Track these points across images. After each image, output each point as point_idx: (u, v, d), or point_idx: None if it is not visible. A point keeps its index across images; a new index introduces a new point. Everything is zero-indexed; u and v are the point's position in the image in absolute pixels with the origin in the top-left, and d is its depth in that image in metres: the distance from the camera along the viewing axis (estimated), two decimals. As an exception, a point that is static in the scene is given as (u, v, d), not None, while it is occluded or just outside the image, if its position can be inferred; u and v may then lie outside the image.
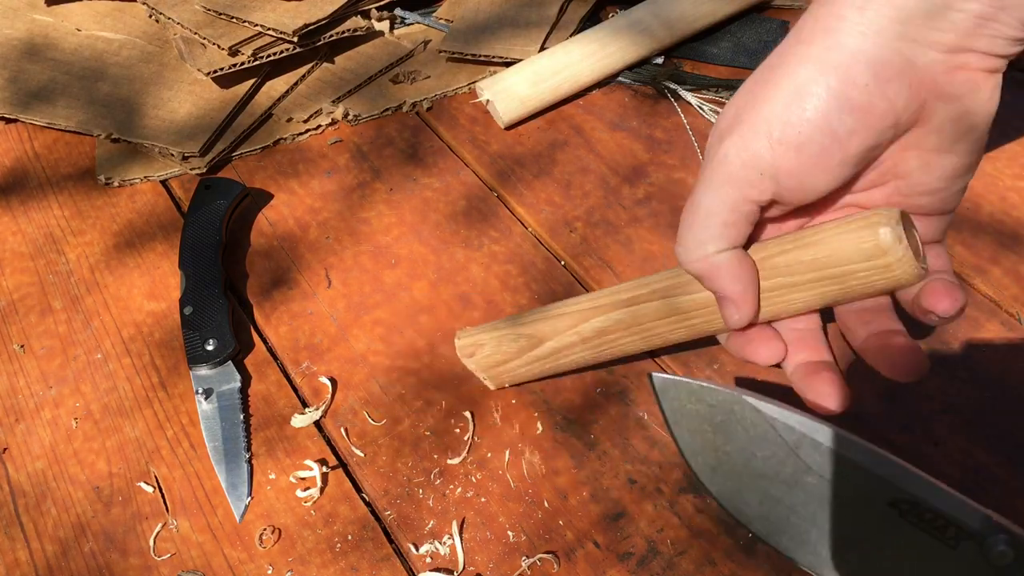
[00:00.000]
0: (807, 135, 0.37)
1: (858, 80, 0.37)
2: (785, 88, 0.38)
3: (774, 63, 0.39)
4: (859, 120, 0.37)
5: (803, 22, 0.39)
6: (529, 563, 0.45)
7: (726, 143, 0.39)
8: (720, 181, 0.39)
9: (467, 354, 0.50)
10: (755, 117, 0.38)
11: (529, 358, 0.48)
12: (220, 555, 0.47)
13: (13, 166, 0.69)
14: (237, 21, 0.71)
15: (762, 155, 0.38)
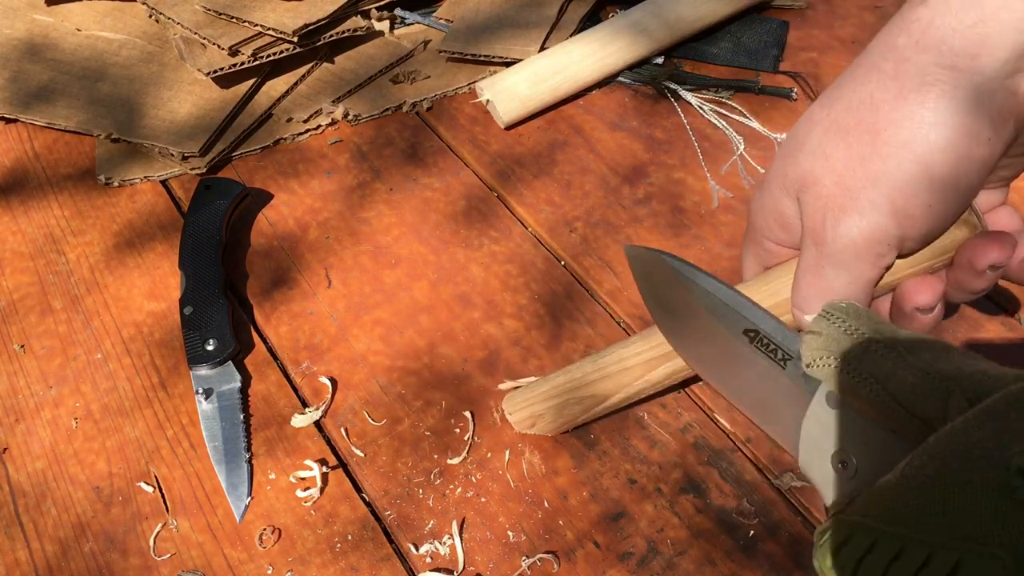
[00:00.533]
0: (936, 204, 0.37)
1: (981, 136, 0.36)
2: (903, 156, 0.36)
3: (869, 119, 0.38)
4: (983, 173, 0.37)
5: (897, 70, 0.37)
6: (529, 563, 0.45)
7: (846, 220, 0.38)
8: (848, 261, 0.39)
9: (526, 427, 0.50)
10: (875, 192, 0.37)
11: (594, 412, 0.48)
12: (220, 555, 0.47)
13: (13, 166, 0.69)
14: (237, 21, 0.71)
15: (888, 231, 0.37)
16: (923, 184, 0.36)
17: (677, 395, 0.51)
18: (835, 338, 0.34)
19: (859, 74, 0.39)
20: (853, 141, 0.38)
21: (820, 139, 0.40)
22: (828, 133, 0.39)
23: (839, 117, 0.39)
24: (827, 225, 0.39)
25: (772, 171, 0.43)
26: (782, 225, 0.43)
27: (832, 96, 0.41)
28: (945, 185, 0.36)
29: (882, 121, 0.37)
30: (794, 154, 0.41)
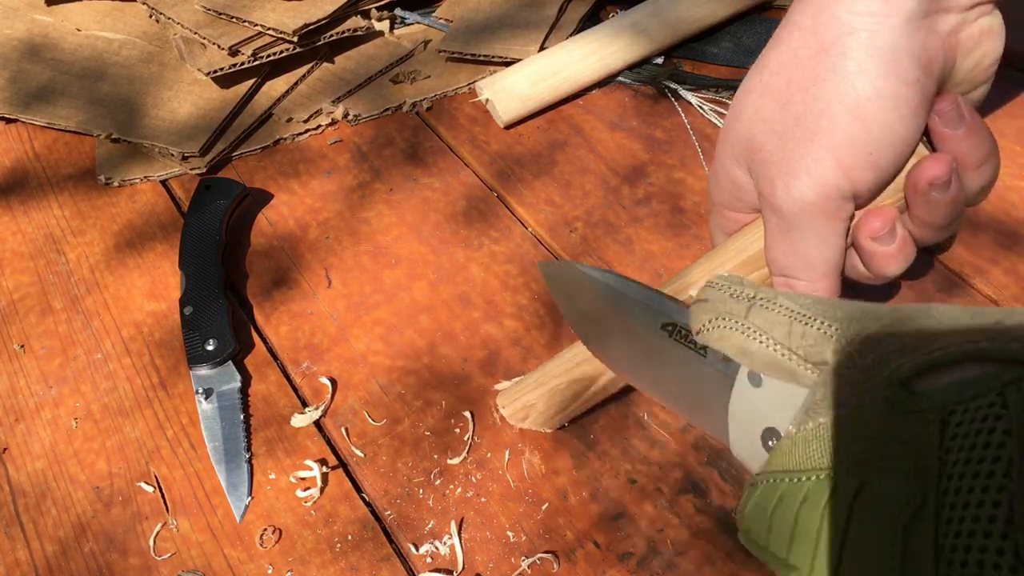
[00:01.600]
0: (877, 151, 0.37)
1: (909, 78, 0.36)
2: (835, 109, 0.37)
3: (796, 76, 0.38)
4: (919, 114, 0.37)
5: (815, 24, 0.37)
6: (529, 563, 0.45)
7: (796, 182, 0.38)
8: (809, 221, 0.39)
9: (520, 419, 0.50)
10: (817, 149, 0.37)
11: (586, 396, 0.48)
12: (220, 555, 0.47)
13: (13, 166, 0.69)
14: (237, 21, 0.72)
15: (840, 185, 0.38)
16: (860, 135, 0.37)
17: (677, 395, 0.52)
18: (721, 301, 0.34)
19: (783, 35, 0.40)
20: (785, 101, 0.39)
21: (756, 104, 0.40)
22: (763, 98, 0.40)
23: (770, 80, 0.40)
24: (778, 191, 0.40)
25: (720, 145, 0.44)
26: (737, 195, 0.44)
27: (762, 63, 0.41)
28: (882, 131, 0.37)
29: (809, 77, 0.38)
30: (734, 124, 0.42)
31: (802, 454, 0.29)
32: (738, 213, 0.45)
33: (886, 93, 0.36)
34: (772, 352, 0.31)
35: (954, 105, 0.38)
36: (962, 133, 0.38)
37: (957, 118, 0.38)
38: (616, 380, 0.47)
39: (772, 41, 0.41)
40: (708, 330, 0.34)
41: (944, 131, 0.38)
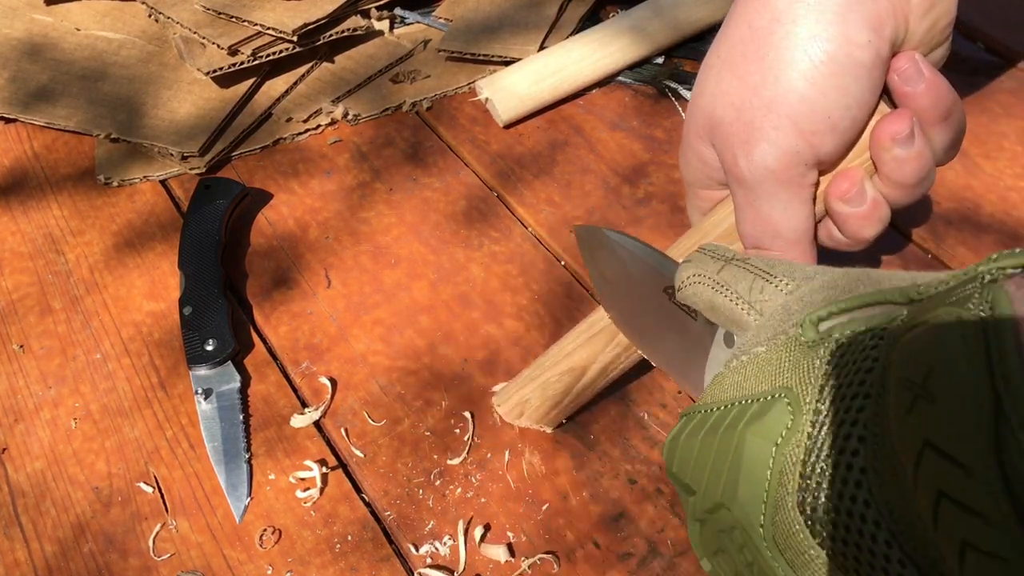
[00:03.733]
0: (836, 115, 0.37)
1: (860, 40, 0.36)
2: (790, 76, 0.37)
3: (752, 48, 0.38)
4: (874, 75, 0.37)
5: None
6: (529, 563, 0.45)
7: (757, 151, 0.39)
8: (772, 189, 0.39)
9: (515, 415, 0.49)
10: (774, 117, 0.38)
11: (578, 389, 0.47)
12: (220, 556, 0.47)
13: (13, 166, 0.69)
14: (237, 20, 0.71)
15: (801, 151, 0.38)
16: (817, 98, 0.37)
17: (677, 395, 0.51)
18: (701, 261, 0.36)
19: (737, 10, 0.40)
20: (743, 73, 0.39)
21: (715, 79, 0.41)
22: (721, 72, 0.40)
23: (727, 54, 0.40)
24: (740, 161, 0.40)
25: (685, 124, 0.44)
26: (706, 173, 0.44)
27: (720, 38, 0.42)
28: (838, 94, 0.37)
29: (763, 47, 0.38)
30: (697, 101, 0.42)
31: (719, 389, 0.32)
32: (710, 191, 0.45)
33: (838, 56, 0.37)
34: (733, 305, 0.33)
35: (912, 62, 0.38)
36: (922, 89, 0.38)
37: (916, 74, 0.38)
38: (606, 368, 0.47)
39: (728, 16, 0.41)
40: (686, 286, 0.36)
41: (904, 89, 0.38)
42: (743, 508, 0.28)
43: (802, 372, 0.28)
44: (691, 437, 0.32)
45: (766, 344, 0.31)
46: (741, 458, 0.28)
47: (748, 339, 0.32)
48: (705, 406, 0.32)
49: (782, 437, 0.27)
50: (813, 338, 0.28)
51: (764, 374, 0.30)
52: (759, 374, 0.30)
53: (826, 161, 0.39)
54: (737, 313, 0.33)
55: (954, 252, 0.57)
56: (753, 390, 0.30)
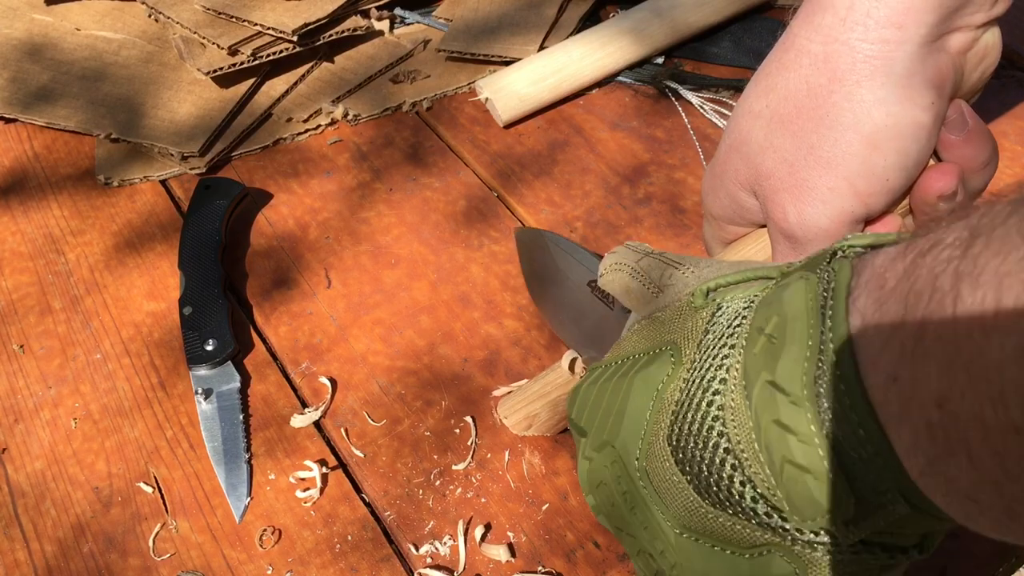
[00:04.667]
0: (894, 177, 0.37)
1: (925, 103, 0.36)
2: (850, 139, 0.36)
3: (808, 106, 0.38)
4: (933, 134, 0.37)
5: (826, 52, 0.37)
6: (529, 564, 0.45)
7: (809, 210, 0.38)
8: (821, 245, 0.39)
9: (524, 428, 0.49)
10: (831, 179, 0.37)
11: None
12: (220, 556, 0.47)
13: (13, 166, 0.69)
14: (237, 20, 0.71)
15: (855, 211, 0.38)
16: (877, 163, 0.37)
17: (677, 395, 0.51)
18: (623, 254, 0.40)
19: (788, 59, 0.39)
20: (797, 130, 0.38)
21: (765, 131, 0.40)
22: (772, 124, 0.40)
23: (778, 107, 0.39)
24: (791, 217, 0.40)
25: (721, 165, 0.44)
26: (740, 213, 0.44)
27: (766, 85, 0.41)
28: (898, 157, 0.37)
29: (823, 106, 0.38)
30: (741, 148, 0.42)
31: (620, 347, 0.36)
32: (736, 227, 0.45)
33: (903, 120, 0.36)
34: (643, 288, 0.37)
35: (958, 111, 0.38)
36: (966, 137, 0.38)
37: (962, 123, 0.38)
38: None
39: (776, 64, 0.40)
40: (607, 272, 0.40)
41: (950, 137, 0.38)
42: (624, 444, 0.32)
43: (687, 331, 0.31)
44: (590, 386, 0.35)
45: (662, 310, 0.35)
46: (628, 401, 0.32)
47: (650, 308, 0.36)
48: (607, 361, 0.36)
49: (662, 383, 0.31)
50: (701, 303, 0.32)
51: (656, 333, 0.34)
52: (652, 334, 0.34)
53: (875, 217, 0.39)
54: (647, 295, 0.37)
55: (954, 252, 0.56)
56: (646, 346, 0.34)
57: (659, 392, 0.31)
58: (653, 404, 0.31)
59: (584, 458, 0.35)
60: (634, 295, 0.38)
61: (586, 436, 0.35)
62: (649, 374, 0.32)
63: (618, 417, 0.32)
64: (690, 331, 0.31)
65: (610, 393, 0.34)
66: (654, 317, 0.34)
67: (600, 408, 0.34)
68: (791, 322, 0.26)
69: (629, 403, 0.32)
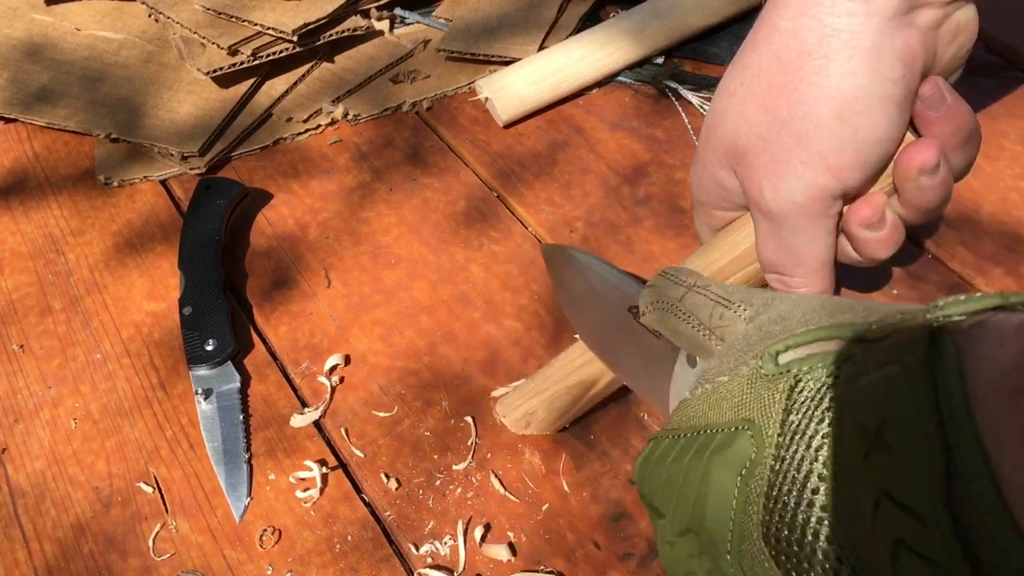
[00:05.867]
0: (866, 150, 0.37)
1: (894, 76, 0.36)
2: (820, 112, 0.37)
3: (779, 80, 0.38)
4: (905, 109, 0.37)
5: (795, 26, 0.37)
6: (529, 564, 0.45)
7: (784, 185, 0.38)
8: (798, 221, 0.39)
9: (522, 426, 0.49)
10: (803, 152, 0.37)
11: (585, 400, 0.48)
12: (220, 556, 0.47)
13: (13, 166, 0.69)
14: (237, 20, 0.71)
15: (829, 185, 0.38)
16: (848, 135, 0.37)
17: (677, 395, 0.51)
18: (664, 287, 0.38)
19: (761, 37, 0.40)
20: (769, 105, 0.39)
21: (739, 109, 0.40)
22: (745, 101, 0.40)
23: (751, 83, 0.40)
24: (766, 194, 0.40)
25: (702, 148, 0.44)
26: (723, 196, 0.44)
27: (741, 64, 0.41)
28: (869, 131, 0.37)
29: (793, 80, 0.38)
30: (717, 128, 0.42)
31: (685, 415, 0.33)
32: (723, 211, 0.45)
33: (872, 93, 0.36)
34: (695, 332, 0.35)
35: (935, 88, 0.38)
36: (944, 113, 0.38)
37: (939, 100, 0.38)
38: (615, 382, 0.47)
39: (749, 43, 0.41)
40: (650, 311, 0.38)
41: (928, 114, 0.38)
42: (710, 535, 0.29)
43: (764, 406, 0.29)
44: (660, 462, 0.33)
45: (728, 374, 0.32)
46: (708, 487, 0.30)
47: (712, 367, 0.33)
48: (672, 431, 0.33)
49: (746, 469, 0.28)
50: (773, 371, 0.29)
51: (727, 404, 0.31)
52: (723, 404, 0.31)
53: (852, 193, 0.39)
54: (700, 339, 0.35)
55: (954, 252, 0.57)
56: (718, 419, 0.31)
57: (743, 478, 0.28)
58: (738, 492, 0.28)
59: (666, 543, 0.33)
60: (685, 339, 0.36)
61: (663, 518, 0.32)
62: (729, 457, 0.29)
63: (699, 503, 0.30)
64: (767, 408, 0.29)
65: (685, 474, 0.31)
66: (718, 384, 0.32)
67: (676, 490, 0.31)
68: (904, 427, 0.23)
69: (711, 489, 0.29)
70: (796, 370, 0.28)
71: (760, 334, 0.32)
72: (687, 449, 0.32)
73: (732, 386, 0.31)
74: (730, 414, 0.30)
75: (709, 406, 0.32)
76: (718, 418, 0.31)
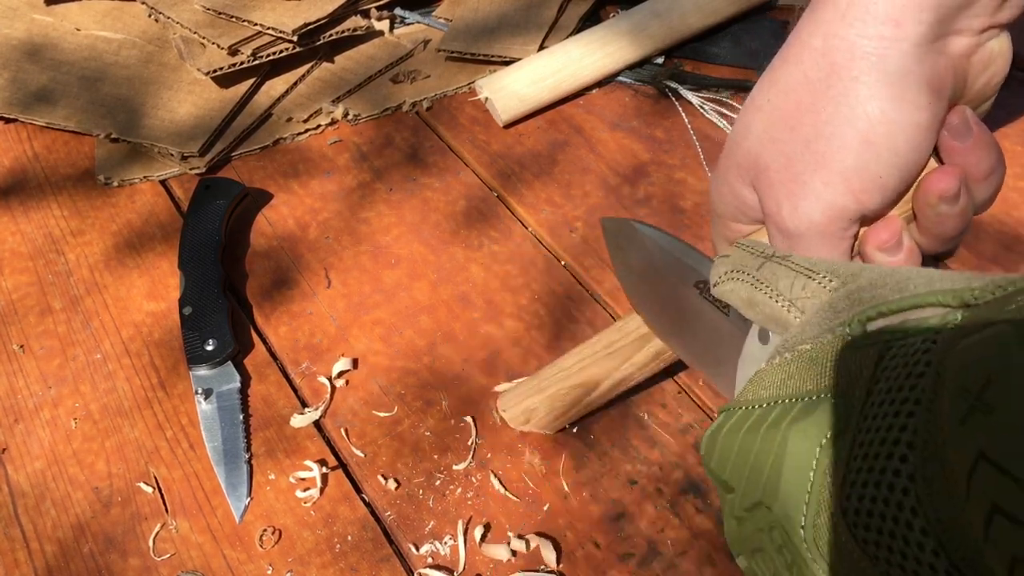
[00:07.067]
0: (887, 175, 0.37)
1: (921, 103, 0.36)
2: (845, 134, 0.37)
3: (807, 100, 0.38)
4: (930, 136, 0.37)
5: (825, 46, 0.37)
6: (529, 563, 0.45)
7: (803, 204, 0.38)
8: (815, 241, 0.39)
9: (521, 422, 0.50)
10: (825, 173, 0.37)
11: (587, 402, 0.48)
12: (220, 556, 0.47)
13: (13, 166, 0.69)
14: (237, 20, 0.71)
15: (848, 207, 0.38)
16: (871, 159, 0.37)
17: (677, 395, 0.51)
18: (740, 257, 0.36)
19: (791, 54, 0.40)
20: (795, 124, 0.39)
21: (764, 125, 0.40)
22: (771, 118, 0.40)
23: (779, 101, 0.40)
24: (784, 212, 0.40)
25: (725, 160, 0.44)
26: (742, 210, 0.44)
27: (770, 80, 0.41)
28: (892, 155, 0.37)
29: (820, 100, 0.38)
30: (742, 142, 0.42)
31: (761, 386, 0.32)
32: (740, 224, 0.45)
33: (897, 118, 0.36)
34: (773, 303, 0.34)
35: (962, 118, 0.38)
36: (970, 145, 0.38)
37: (965, 131, 0.38)
38: (617, 385, 0.47)
39: (780, 59, 0.41)
40: (723, 282, 0.36)
41: (952, 143, 0.38)
42: (784, 508, 0.28)
43: (851, 373, 0.27)
44: (731, 434, 0.31)
45: (811, 342, 0.30)
46: (784, 458, 0.28)
47: (792, 336, 0.32)
48: (747, 402, 0.32)
49: (827, 438, 0.27)
50: (862, 338, 0.28)
51: (809, 373, 0.29)
52: (804, 373, 0.30)
53: (870, 216, 0.39)
54: (778, 310, 0.33)
55: (954, 252, 0.57)
56: (798, 389, 0.29)
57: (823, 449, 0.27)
58: (816, 464, 0.27)
59: (732, 517, 0.31)
60: (761, 310, 0.34)
61: (732, 492, 0.31)
62: (808, 427, 0.28)
63: (774, 475, 0.29)
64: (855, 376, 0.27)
65: (760, 446, 0.30)
66: (800, 352, 0.30)
67: (748, 462, 0.30)
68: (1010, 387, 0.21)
69: (787, 460, 0.28)
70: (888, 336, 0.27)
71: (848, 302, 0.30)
72: (763, 419, 0.30)
73: (815, 354, 0.30)
74: (812, 383, 0.29)
75: (788, 374, 0.30)
76: (799, 387, 0.30)
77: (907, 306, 0.28)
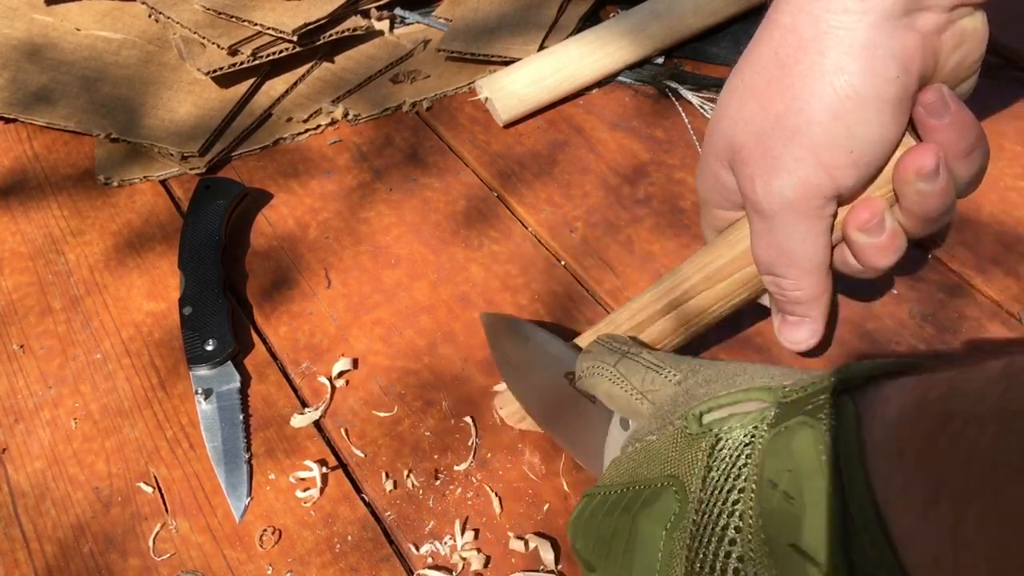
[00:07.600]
0: (858, 149, 0.37)
1: (889, 76, 0.36)
2: (813, 108, 0.36)
3: (776, 76, 0.38)
4: (900, 110, 0.37)
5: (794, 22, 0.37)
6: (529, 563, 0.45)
7: (776, 181, 0.38)
8: (790, 220, 0.39)
9: (517, 419, 0.50)
10: (796, 149, 0.37)
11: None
12: (220, 556, 0.47)
13: (13, 166, 0.69)
14: (237, 20, 0.71)
15: (822, 184, 0.38)
16: (840, 133, 0.37)
17: (677, 395, 0.51)
18: (600, 353, 0.40)
19: (763, 34, 0.40)
20: (766, 101, 0.39)
21: (738, 104, 0.40)
22: (744, 97, 0.40)
23: (751, 80, 0.40)
24: (759, 190, 0.40)
25: (705, 145, 0.44)
26: (723, 194, 0.44)
27: (744, 61, 0.41)
28: (861, 129, 0.37)
29: (788, 76, 0.38)
30: (719, 124, 0.42)
31: (616, 472, 0.35)
32: (725, 211, 0.45)
33: (864, 91, 0.36)
34: (628, 395, 0.38)
35: (938, 95, 0.38)
36: (947, 122, 0.38)
37: (942, 108, 0.38)
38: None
39: (754, 40, 0.41)
40: (586, 376, 0.40)
41: (929, 121, 0.38)
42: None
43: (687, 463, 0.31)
44: (592, 518, 0.35)
45: (656, 433, 0.34)
46: (635, 540, 0.32)
47: (642, 427, 0.36)
48: (604, 488, 0.35)
49: (671, 522, 0.31)
50: (696, 431, 0.32)
51: (654, 462, 0.33)
52: (650, 461, 0.33)
53: (846, 194, 0.39)
54: (633, 403, 0.37)
55: (954, 252, 0.57)
56: (646, 476, 0.33)
57: (667, 532, 0.31)
58: (663, 545, 0.31)
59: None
60: (619, 402, 0.38)
61: (594, 572, 0.34)
62: (655, 512, 0.31)
63: (627, 557, 0.32)
64: (690, 465, 0.31)
65: (615, 529, 0.33)
66: (647, 443, 0.34)
67: (606, 544, 0.34)
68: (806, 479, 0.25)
69: (637, 542, 0.32)
70: (717, 429, 0.31)
71: (686, 396, 0.34)
72: (617, 504, 0.34)
73: (659, 444, 0.34)
74: (657, 471, 0.33)
75: (638, 463, 0.34)
76: (646, 475, 0.33)
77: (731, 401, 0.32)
